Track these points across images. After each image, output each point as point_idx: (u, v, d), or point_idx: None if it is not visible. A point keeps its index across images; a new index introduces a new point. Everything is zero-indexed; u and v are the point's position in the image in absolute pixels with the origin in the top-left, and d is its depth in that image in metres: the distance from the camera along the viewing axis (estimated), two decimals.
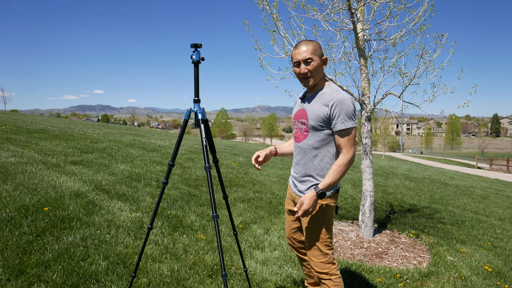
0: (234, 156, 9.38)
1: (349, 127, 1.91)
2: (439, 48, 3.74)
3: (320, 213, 2.00)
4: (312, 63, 1.95)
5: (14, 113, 16.90)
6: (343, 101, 1.90)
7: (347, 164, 1.92)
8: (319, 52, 1.98)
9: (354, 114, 1.94)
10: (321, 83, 2.03)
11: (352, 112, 1.92)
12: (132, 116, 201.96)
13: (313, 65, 1.95)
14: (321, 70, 1.99)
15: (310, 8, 3.80)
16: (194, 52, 2.01)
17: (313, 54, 1.94)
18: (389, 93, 3.94)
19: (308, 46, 1.95)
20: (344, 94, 1.94)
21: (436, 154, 58.61)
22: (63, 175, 4.51)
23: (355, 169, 11.05)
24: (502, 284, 3.24)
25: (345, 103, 1.90)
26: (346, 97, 1.93)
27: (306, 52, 1.94)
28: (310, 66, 1.95)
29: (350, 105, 1.91)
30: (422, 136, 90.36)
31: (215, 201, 1.88)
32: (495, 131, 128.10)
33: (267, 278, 2.77)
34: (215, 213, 1.86)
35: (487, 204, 7.92)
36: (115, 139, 9.03)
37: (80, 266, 2.48)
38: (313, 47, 1.96)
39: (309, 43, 1.97)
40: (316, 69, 1.96)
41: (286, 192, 5.82)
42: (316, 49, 1.96)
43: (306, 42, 1.98)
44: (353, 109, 1.93)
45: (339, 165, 1.92)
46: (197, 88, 2.00)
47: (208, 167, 1.92)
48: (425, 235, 4.34)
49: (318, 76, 1.99)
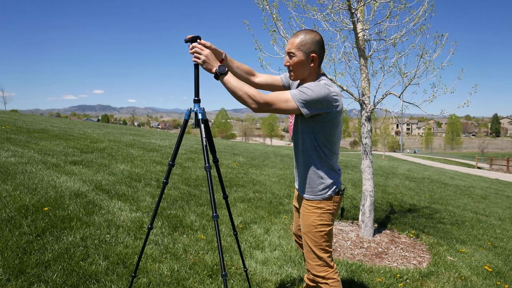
0: (234, 156, 9.38)
1: (293, 97, 1.74)
2: (439, 48, 3.74)
3: (315, 216, 1.92)
4: (293, 58, 1.83)
5: (14, 113, 16.90)
6: (315, 86, 1.75)
7: (248, 95, 1.73)
8: (308, 47, 1.81)
9: (314, 100, 1.73)
10: (309, 80, 1.90)
11: (314, 96, 1.72)
12: (132, 116, 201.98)
13: (293, 60, 1.84)
14: (306, 67, 1.85)
15: (310, 8, 3.80)
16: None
17: (297, 48, 1.81)
18: (389, 93, 3.94)
19: (297, 38, 1.82)
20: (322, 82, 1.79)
21: (436, 154, 58.61)
22: (63, 175, 4.51)
23: (355, 169, 11.05)
24: (502, 284, 3.24)
25: (314, 87, 1.74)
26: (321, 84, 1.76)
27: (291, 44, 1.83)
28: (292, 61, 1.84)
29: (317, 90, 1.73)
30: (422, 136, 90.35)
31: (215, 201, 1.87)
32: (495, 131, 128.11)
33: (267, 278, 2.77)
34: (215, 213, 1.84)
35: (487, 204, 7.92)
36: (115, 139, 9.03)
37: (80, 266, 2.48)
38: (301, 40, 1.81)
39: (301, 35, 1.83)
40: (297, 65, 1.84)
41: (286, 192, 5.82)
42: (304, 43, 1.81)
43: (299, 34, 1.84)
44: (318, 96, 1.73)
45: (250, 89, 1.75)
46: (197, 88, 1.99)
47: (208, 167, 1.91)
48: (425, 235, 4.34)
49: (300, 72, 1.87)
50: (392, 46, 3.93)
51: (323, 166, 1.92)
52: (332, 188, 1.94)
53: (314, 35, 1.84)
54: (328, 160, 1.92)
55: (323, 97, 1.75)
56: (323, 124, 1.84)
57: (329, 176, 1.93)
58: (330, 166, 1.94)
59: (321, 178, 1.92)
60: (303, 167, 1.97)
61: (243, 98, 1.75)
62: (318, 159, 1.91)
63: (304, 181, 1.97)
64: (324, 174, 1.92)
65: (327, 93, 1.75)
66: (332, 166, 1.94)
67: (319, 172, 1.92)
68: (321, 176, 1.92)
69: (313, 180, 1.93)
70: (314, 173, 1.92)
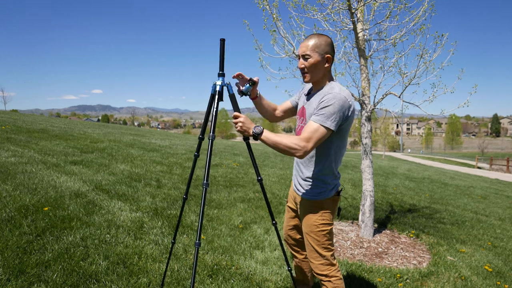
0: (234, 156, 9.38)
1: (320, 123, 1.78)
2: (439, 48, 3.73)
3: (317, 216, 1.98)
4: (309, 60, 1.89)
5: (14, 113, 16.90)
6: (333, 99, 1.79)
7: (290, 146, 1.76)
8: (322, 49, 1.89)
9: (337, 117, 1.79)
10: (323, 81, 1.96)
11: (335, 113, 1.78)
12: (132, 116, 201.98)
13: (309, 62, 1.89)
14: (321, 68, 1.91)
15: (310, 8, 3.80)
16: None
17: (313, 50, 1.88)
18: (389, 93, 3.94)
19: (311, 41, 1.89)
20: (340, 94, 1.82)
21: (436, 154, 58.62)
22: (63, 175, 4.51)
23: (355, 169, 11.05)
24: (502, 284, 3.24)
25: (333, 102, 1.78)
26: (340, 97, 1.80)
27: (305, 47, 1.89)
28: (307, 62, 1.90)
29: (337, 106, 1.78)
30: (422, 136, 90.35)
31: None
32: (495, 131, 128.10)
33: (267, 278, 2.77)
34: (274, 220, 1.99)
35: (487, 204, 7.92)
36: (115, 139, 9.03)
37: (80, 266, 2.48)
38: (316, 43, 1.88)
39: (314, 38, 1.90)
40: (313, 66, 1.90)
41: (286, 192, 5.82)
42: (318, 45, 1.88)
43: (312, 37, 1.91)
44: (340, 112, 1.79)
45: (289, 139, 1.78)
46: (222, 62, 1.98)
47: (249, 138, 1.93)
48: (425, 235, 4.34)
49: (316, 74, 1.92)
50: (392, 46, 3.92)
51: (329, 171, 1.98)
52: (334, 190, 2.01)
53: (326, 38, 1.92)
54: (334, 166, 1.99)
55: (341, 107, 1.81)
56: (341, 130, 1.90)
57: (332, 180, 2.00)
58: (333, 172, 2.00)
59: (324, 182, 1.99)
60: (308, 171, 2.01)
61: (286, 151, 1.79)
62: (327, 164, 1.97)
63: (307, 183, 2.02)
64: (328, 178, 1.99)
65: (343, 101, 1.81)
66: (335, 171, 2.01)
67: (324, 177, 1.98)
68: (325, 181, 1.99)
69: (317, 183, 1.99)
70: (319, 177, 1.98)
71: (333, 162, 1.97)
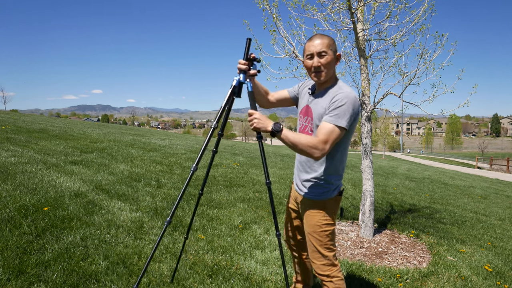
0: (234, 156, 9.38)
1: (335, 124, 1.79)
2: (439, 48, 3.74)
3: (320, 216, 1.98)
4: (326, 57, 1.88)
5: (14, 113, 16.90)
6: (345, 98, 1.81)
7: (310, 146, 1.76)
8: (334, 47, 1.92)
9: (350, 116, 1.80)
10: (331, 80, 1.96)
11: (348, 113, 1.80)
12: (132, 116, 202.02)
13: (326, 59, 1.88)
14: (333, 65, 1.93)
15: (310, 8, 3.80)
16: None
17: (328, 48, 1.89)
18: (389, 93, 3.94)
19: (323, 39, 1.90)
20: (351, 94, 1.84)
21: (436, 154, 58.60)
22: (63, 175, 4.51)
23: (355, 169, 11.05)
24: (502, 284, 3.24)
25: (346, 101, 1.80)
26: (351, 96, 1.83)
27: (320, 45, 1.88)
28: (324, 60, 1.88)
29: (350, 106, 1.80)
30: (422, 136, 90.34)
31: (276, 218, 1.88)
32: (495, 131, 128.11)
33: (267, 278, 2.77)
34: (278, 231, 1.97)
35: (487, 204, 7.92)
36: (115, 139, 9.03)
37: (80, 266, 2.48)
38: (328, 41, 1.90)
39: (324, 37, 1.92)
40: (329, 64, 1.90)
41: (286, 192, 5.82)
42: (331, 43, 1.91)
43: (321, 35, 1.93)
44: (352, 112, 1.81)
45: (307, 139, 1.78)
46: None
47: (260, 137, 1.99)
48: (425, 235, 4.34)
49: (330, 71, 1.92)
50: (392, 46, 3.93)
51: (333, 171, 1.98)
52: (336, 190, 2.00)
53: (331, 37, 1.96)
54: (339, 166, 1.98)
55: (353, 106, 1.82)
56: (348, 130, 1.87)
57: (336, 180, 2.00)
58: (338, 172, 2.00)
59: (328, 182, 1.98)
60: (313, 171, 2.00)
61: (304, 151, 1.79)
62: (333, 164, 1.96)
63: (311, 183, 2.01)
64: (332, 178, 1.98)
65: (354, 101, 1.83)
66: (339, 171, 2.00)
67: (329, 177, 1.97)
68: (329, 181, 1.98)
69: (321, 183, 1.98)
70: (324, 177, 1.97)
71: (339, 162, 1.97)
